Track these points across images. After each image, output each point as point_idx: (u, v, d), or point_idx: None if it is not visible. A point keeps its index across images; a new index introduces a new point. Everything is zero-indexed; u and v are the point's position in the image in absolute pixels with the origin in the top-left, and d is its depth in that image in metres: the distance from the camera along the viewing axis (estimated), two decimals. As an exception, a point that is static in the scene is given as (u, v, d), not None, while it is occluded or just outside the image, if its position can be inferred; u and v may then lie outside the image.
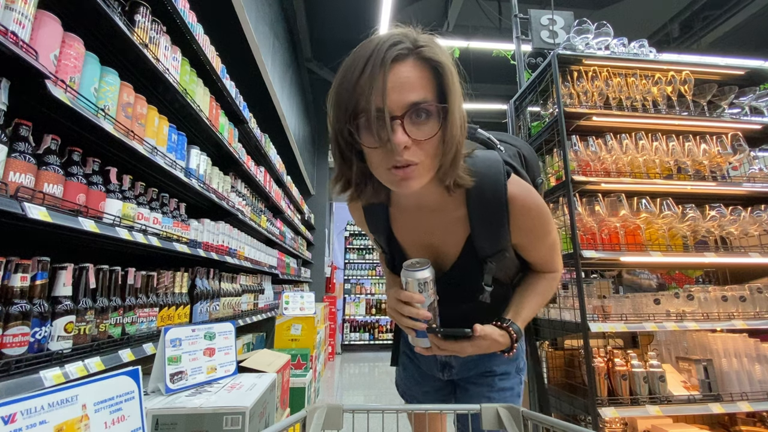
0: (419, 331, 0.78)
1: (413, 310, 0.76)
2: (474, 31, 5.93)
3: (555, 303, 2.29)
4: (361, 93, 0.61)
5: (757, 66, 2.47)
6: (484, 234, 0.79)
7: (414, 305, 0.76)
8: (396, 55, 0.62)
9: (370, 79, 0.61)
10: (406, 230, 0.88)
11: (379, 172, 0.69)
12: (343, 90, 0.63)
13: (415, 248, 0.90)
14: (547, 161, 2.35)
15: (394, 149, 0.62)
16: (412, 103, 0.62)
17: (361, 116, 0.63)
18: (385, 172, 0.67)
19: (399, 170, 0.65)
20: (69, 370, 1.12)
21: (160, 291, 1.76)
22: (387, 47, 0.62)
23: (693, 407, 1.88)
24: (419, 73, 0.64)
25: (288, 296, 3.56)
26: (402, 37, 0.64)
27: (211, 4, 2.63)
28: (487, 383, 1.01)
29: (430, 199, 0.79)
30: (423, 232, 0.86)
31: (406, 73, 0.63)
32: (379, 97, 0.61)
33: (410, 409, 0.76)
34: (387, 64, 0.61)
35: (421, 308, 0.77)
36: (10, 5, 1.04)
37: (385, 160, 0.65)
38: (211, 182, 2.42)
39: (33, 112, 1.27)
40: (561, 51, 2.28)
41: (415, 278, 0.76)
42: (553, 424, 0.59)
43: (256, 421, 1.22)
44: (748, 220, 2.16)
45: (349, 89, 0.62)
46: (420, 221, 0.84)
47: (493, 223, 0.78)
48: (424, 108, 0.63)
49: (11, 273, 1.05)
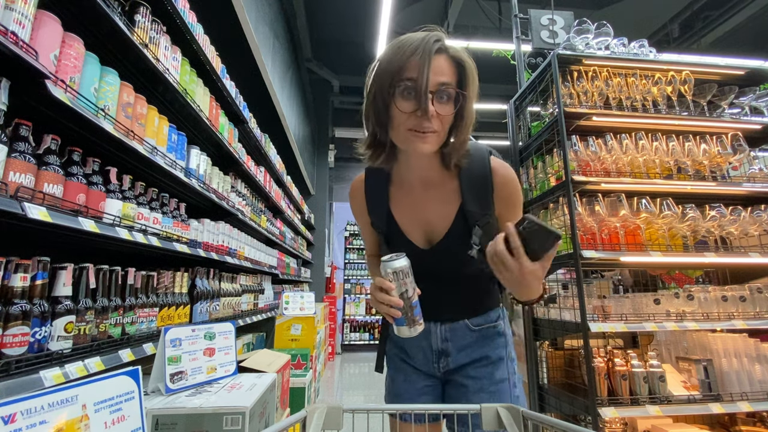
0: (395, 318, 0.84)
1: (386, 297, 0.82)
2: (474, 31, 5.93)
3: (555, 303, 2.29)
4: (411, 68, 0.80)
5: (757, 66, 2.47)
6: (473, 200, 0.95)
7: (389, 293, 0.82)
8: (438, 48, 0.81)
9: (421, 60, 0.79)
10: (404, 206, 1.00)
11: (399, 131, 0.85)
12: (396, 62, 0.81)
13: (411, 223, 1.00)
14: (547, 161, 2.35)
15: (425, 115, 0.80)
16: (441, 82, 0.81)
17: (401, 84, 0.80)
18: (406, 132, 0.84)
19: (420, 133, 0.82)
20: (69, 370, 1.12)
21: (160, 291, 1.76)
22: (433, 41, 0.81)
23: (693, 407, 1.88)
24: (449, 66, 0.84)
25: (288, 296, 3.56)
26: (441, 36, 0.84)
27: (211, 4, 2.63)
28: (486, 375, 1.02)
29: (432, 173, 0.96)
30: (420, 208, 0.99)
31: (442, 63, 0.82)
32: (423, 75, 0.78)
33: (410, 408, 0.76)
34: (432, 52, 0.80)
35: (394, 295, 0.82)
36: (10, 5, 1.04)
37: (410, 122, 0.82)
38: (211, 182, 2.42)
39: (33, 112, 1.27)
40: (561, 51, 2.28)
41: (392, 268, 0.83)
42: (553, 424, 0.59)
43: (256, 421, 1.22)
44: (748, 220, 2.16)
45: (401, 63, 0.80)
46: (418, 196, 0.99)
47: (480, 190, 0.94)
48: (447, 90, 0.82)
49: (11, 273, 1.05)
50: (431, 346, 1.05)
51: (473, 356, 1.04)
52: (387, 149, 0.92)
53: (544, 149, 2.37)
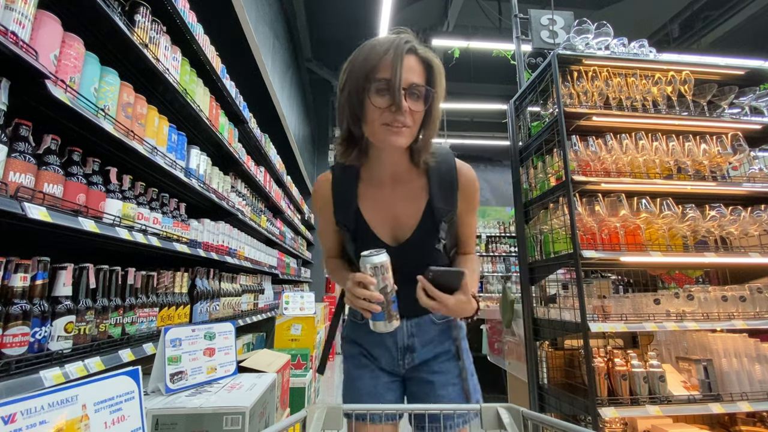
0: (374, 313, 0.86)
1: (366, 292, 0.84)
2: (474, 31, 5.93)
3: (555, 303, 2.29)
4: (384, 66, 0.85)
5: (757, 66, 2.47)
6: (441, 196, 1.00)
7: (368, 288, 0.84)
8: (408, 48, 0.87)
9: (394, 59, 0.84)
10: (373, 203, 1.03)
11: (374, 126, 0.89)
12: (370, 60, 0.86)
13: (380, 220, 1.03)
14: (547, 161, 2.35)
15: (399, 110, 0.85)
16: (412, 82, 0.86)
17: (376, 81, 0.85)
18: (380, 126, 0.88)
19: (394, 128, 0.87)
20: (69, 370, 1.12)
21: (160, 291, 1.76)
22: (404, 42, 0.86)
23: (693, 407, 1.88)
24: (419, 66, 0.89)
25: (288, 296, 3.56)
26: (411, 38, 0.89)
27: (211, 4, 2.63)
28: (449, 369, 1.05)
29: (401, 170, 1.01)
30: (389, 205, 1.02)
31: (413, 63, 0.87)
32: (396, 73, 0.83)
33: (411, 408, 0.76)
34: (404, 52, 0.85)
35: (374, 290, 0.84)
36: (10, 5, 1.04)
37: (384, 117, 0.87)
38: (211, 182, 2.42)
39: (33, 112, 1.27)
40: (561, 51, 2.28)
41: (372, 263, 0.85)
42: (553, 424, 0.59)
43: (256, 421, 1.22)
44: (748, 220, 2.15)
45: (375, 62, 0.85)
46: (388, 194, 1.02)
47: (447, 188, 1.01)
48: (418, 88, 0.87)
49: (11, 273, 1.05)
50: (397, 343, 1.06)
51: (436, 351, 1.07)
52: (360, 145, 0.97)
53: (544, 149, 2.36)
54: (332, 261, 1.19)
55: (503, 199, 9.05)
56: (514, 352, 2.78)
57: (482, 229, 8.63)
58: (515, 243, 5.01)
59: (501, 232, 8.60)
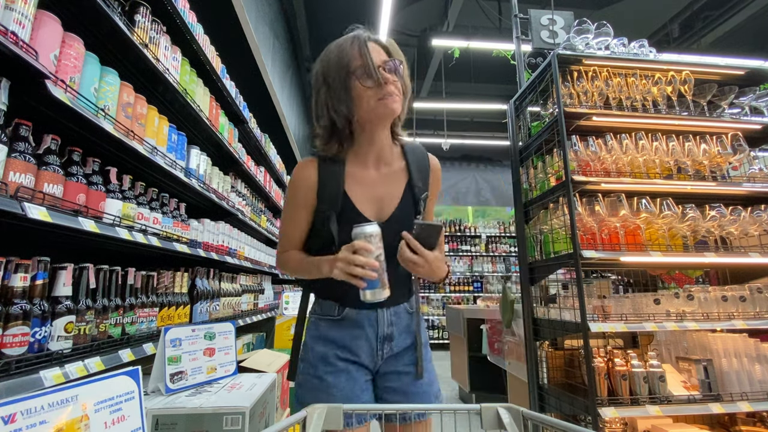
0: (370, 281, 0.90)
1: (363, 259, 0.89)
2: (474, 31, 5.93)
3: (555, 303, 2.29)
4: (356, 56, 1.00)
5: (757, 66, 2.47)
6: (419, 177, 1.13)
7: (366, 255, 0.90)
8: (367, 37, 1.04)
9: (361, 48, 1.01)
10: (359, 186, 1.10)
11: (370, 104, 1.01)
12: (344, 56, 1.01)
13: (365, 201, 1.09)
14: (547, 161, 2.35)
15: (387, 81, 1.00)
16: (383, 59, 1.03)
17: (357, 70, 1.00)
18: (376, 102, 1.01)
19: (387, 97, 1.00)
20: (69, 370, 1.12)
21: (160, 291, 1.76)
22: (363, 33, 1.04)
23: (693, 407, 1.88)
24: (380, 48, 1.06)
25: (288, 296, 3.56)
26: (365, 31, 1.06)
27: (211, 4, 2.63)
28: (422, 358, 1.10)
29: (385, 151, 1.12)
30: (374, 186, 1.11)
31: (376, 47, 1.05)
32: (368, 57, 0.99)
33: (411, 408, 0.76)
34: (367, 41, 1.03)
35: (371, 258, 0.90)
36: (10, 5, 1.04)
37: (376, 93, 1.00)
38: (211, 182, 2.42)
39: (33, 112, 1.27)
40: (561, 51, 2.28)
41: (365, 233, 0.91)
42: (553, 424, 0.59)
43: (256, 421, 1.22)
44: (748, 220, 2.15)
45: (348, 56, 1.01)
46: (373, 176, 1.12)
47: (422, 170, 1.15)
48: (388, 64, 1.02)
49: (11, 273, 1.05)
50: (377, 333, 1.06)
51: (408, 341, 1.11)
52: (342, 135, 1.07)
53: (544, 149, 2.36)
54: (294, 253, 1.14)
55: (503, 199, 9.05)
56: (514, 352, 2.78)
57: (482, 229, 8.63)
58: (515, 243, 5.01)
59: (501, 232, 8.59)
